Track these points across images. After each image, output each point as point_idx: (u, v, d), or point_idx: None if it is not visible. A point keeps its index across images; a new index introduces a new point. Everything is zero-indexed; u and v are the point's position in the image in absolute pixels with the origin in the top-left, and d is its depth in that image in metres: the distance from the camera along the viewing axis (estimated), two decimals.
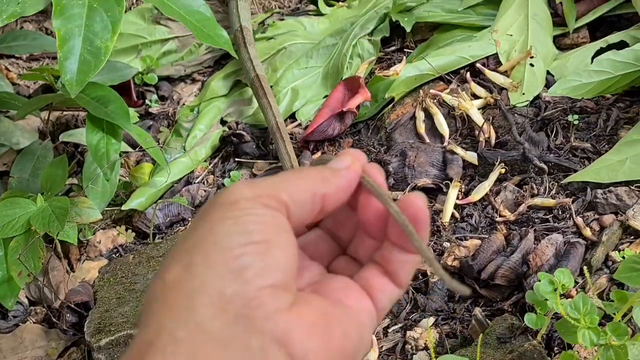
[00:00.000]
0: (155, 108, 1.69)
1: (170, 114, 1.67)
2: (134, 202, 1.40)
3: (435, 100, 1.40)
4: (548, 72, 1.42)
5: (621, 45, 1.40)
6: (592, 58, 1.38)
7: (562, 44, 1.51)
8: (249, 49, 1.56)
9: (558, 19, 1.51)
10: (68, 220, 1.18)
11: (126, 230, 1.40)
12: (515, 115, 1.35)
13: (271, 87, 1.55)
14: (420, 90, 1.42)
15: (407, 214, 0.46)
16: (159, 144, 1.57)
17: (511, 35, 1.48)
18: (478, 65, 1.45)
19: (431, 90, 1.41)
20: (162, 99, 1.73)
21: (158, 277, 0.43)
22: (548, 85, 1.40)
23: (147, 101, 1.70)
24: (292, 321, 0.40)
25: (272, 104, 1.45)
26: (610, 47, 1.41)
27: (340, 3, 1.81)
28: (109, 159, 1.29)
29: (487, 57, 1.47)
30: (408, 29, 1.55)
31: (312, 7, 1.87)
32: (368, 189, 0.48)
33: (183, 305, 0.40)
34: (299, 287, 0.46)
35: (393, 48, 1.64)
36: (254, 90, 1.51)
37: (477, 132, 1.35)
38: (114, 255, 1.35)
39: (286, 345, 0.39)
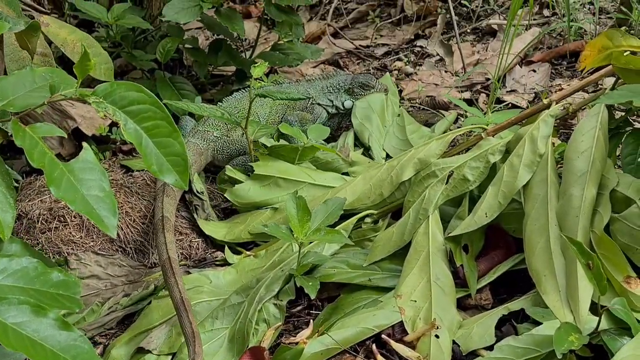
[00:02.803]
0: None
1: None
2: None
3: None
4: (454, 341, 1.40)
5: (521, 313, 1.41)
6: (495, 327, 1.38)
7: (465, 304, 1.51)
8: (165, 235, 1.68)
9: (459, 280, 1.51)
10: None
11: None
12: None
13: None
14: None
15: None
16: None
17: (415, 301, 1.47)
18: (384, 336, 1.42)
19: None
20: None
21: None
22: (454, 356, 1.38)
23: None
24: None
25: (179, 283, 1.53)
26: (511, 314, 1.42)
27: (247, 252, 1.79)
28: None
29: (392, 326, 1.45)
30: (313, 296, 1.52)
31: (219, 254, 1.84)
32: None
33: None
34: None
35: (300, 307, 1.61)
36: (164, 271, 1.59)
37: None
38: None
39: None
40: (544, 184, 1.47)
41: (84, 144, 1.17)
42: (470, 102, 2.28)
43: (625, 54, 1.48)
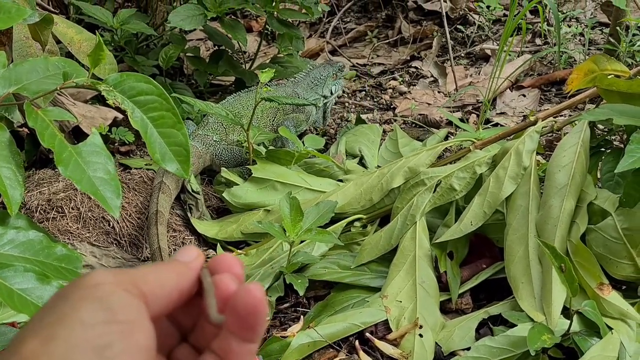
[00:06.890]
0: None
1: None
2: None
3: None
4: (435, 343, 1.46)
5: (499, 318, 1.48)
6: (476, 330, 1.45)
7: (446, 307, 1.57)
8: (158, 228, 1.77)
9: (442, 285, 1.57)
10: None
11: None
12: None
13: None
14: None
15: (245, 304, 0.47)
16: None
17: (400, 301, 1.53)
18: (367, 334, 1.48)
19: None
20: None
21: (11, 352, 0.40)
22: (436, 356, 1.44)
23: None
24: None
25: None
26: (490, 318, 1.48)
27: (238, 251, 1.85)
28: None
29: (376, 324, 1.50)
30: (301, 293, 1.58)
31: (211, 251, 1.89)
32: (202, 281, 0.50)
33: None
34: None
35: (287, 305, 1.66)
36: (153, 260, 1.69)
37: None
38: None
39: None
40: (526, 196, 1.55)
41: (93, 129, 1.23)
42: (460, 122, 2.35)
43: (609, 76, 1.56)
